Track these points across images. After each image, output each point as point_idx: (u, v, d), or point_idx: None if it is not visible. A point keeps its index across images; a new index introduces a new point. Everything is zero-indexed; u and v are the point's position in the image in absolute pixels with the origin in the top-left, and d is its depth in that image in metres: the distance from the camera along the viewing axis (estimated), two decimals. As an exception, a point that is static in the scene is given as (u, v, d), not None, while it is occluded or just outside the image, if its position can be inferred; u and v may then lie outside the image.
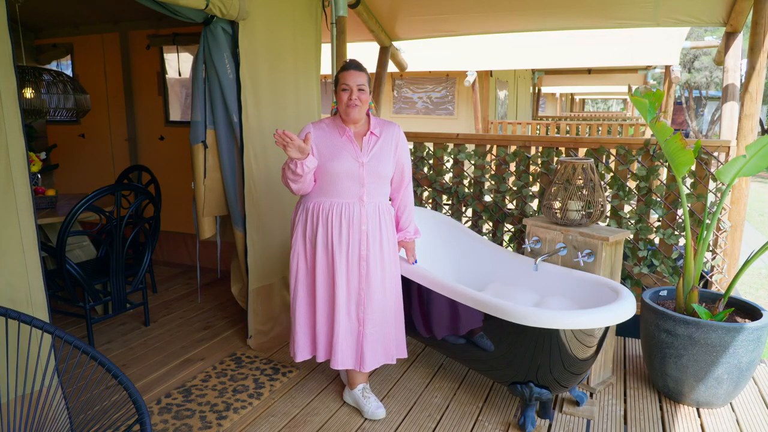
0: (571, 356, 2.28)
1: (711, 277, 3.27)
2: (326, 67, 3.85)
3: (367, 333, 2.50)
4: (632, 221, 3.37)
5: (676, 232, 3.29)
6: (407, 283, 2.73)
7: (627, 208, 4.08)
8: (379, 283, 2.50)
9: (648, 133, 8.79)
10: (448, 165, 3.95)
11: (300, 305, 2.56)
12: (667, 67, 8.88)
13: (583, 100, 26.15)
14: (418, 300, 2.74)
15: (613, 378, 2.88)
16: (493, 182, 3.79)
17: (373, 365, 2.54)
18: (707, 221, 2.87)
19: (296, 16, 3.36)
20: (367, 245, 2.45)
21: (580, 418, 2.53)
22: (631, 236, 3.35)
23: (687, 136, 19.61)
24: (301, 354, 2.58)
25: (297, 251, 2.53)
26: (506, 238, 3.82)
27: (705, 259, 3.28)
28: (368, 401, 2.55)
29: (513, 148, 3.70)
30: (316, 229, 2.45)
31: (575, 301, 2.53)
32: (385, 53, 4.95)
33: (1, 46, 1.81)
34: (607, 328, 2.35)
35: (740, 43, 3.68)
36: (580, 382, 2.46)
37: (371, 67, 4.82)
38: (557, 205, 2.78)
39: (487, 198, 3.84)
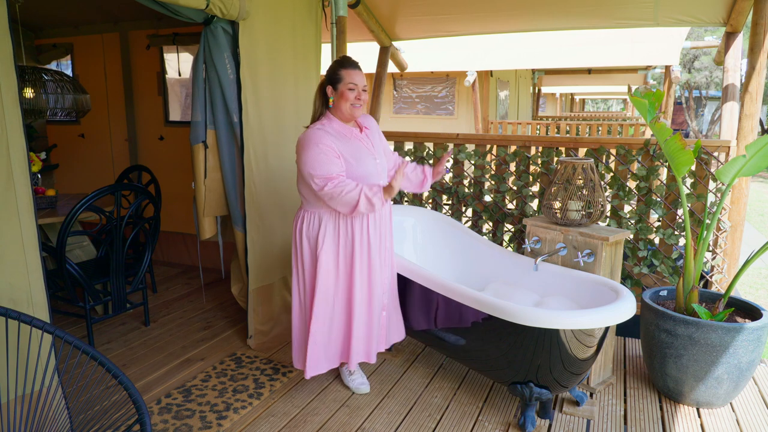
0: (571, 356, 2.28)
1: (711, 277, 3.27)
2: (326, 67, 3.84)
3: (389, 314, 2.75)
4: (632, 221, 3.37)
5: (676, 232, 3.29)
6: (408, 283, 2.73)
7: (627, 208, 4.09)
8: (392, 268, 2.73)
9: (648, 133, 8.79)
10: (448, 165, 3.95)
11: (321, 320, 2.53)
12: (667, 67, 8.89)
13: (583, 100, 26.13)
14: (418, 300, 2.74)
15: (613, 378, 2.89)
16: (493, 182, 3.79)
17: (394, 339, 2.79)
18: (707, 221, 2.87)
19: (296, 16, 3.36)
20: (388, 236, 2.63)
21: (580, 418, 2.53)
22: (631, 236, 3.35)
23: (687, 136, 19.62)
24: (316, 369, 2.60)
25: (326, 267, 2.48)
26: (506, 238, 3.82)
27: (705, 259, 3.28)
28: (353, 378, 2.76)
29: (513, 148, 3.70)
30: (352, 236, 2.47)
31: (575, 301, 2.53)
32: (385, 53, 4.95)
33: (2, 46, 1.81)
34: (607, 328, 2.35)
35: (740, 43, 3.68)
36: (580, 382, 2.46)
37: (371, 67, 4.84)
38: (557, 205, 2.78)
39: (487, 198, 3.84)
